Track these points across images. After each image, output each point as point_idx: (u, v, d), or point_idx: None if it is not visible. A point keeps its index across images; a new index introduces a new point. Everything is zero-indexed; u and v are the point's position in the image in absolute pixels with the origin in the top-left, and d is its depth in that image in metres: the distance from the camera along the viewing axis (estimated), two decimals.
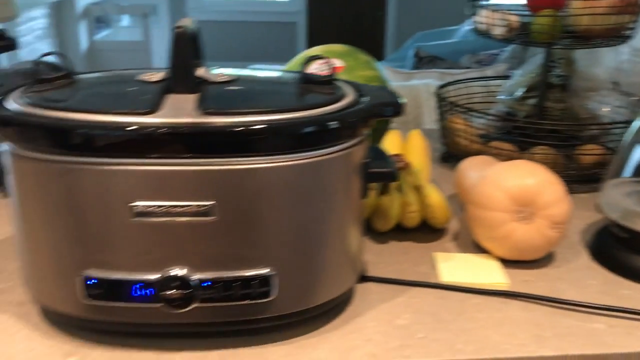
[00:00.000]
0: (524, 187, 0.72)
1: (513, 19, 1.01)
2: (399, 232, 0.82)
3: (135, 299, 0.56)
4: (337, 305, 0.65)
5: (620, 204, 0.76)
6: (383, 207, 0.80)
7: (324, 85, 0.63)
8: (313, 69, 0.74)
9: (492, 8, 1.03)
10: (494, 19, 1.02)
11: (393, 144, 0.90)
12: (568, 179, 0.79)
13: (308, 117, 0.55)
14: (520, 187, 0.72)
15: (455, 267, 0.74)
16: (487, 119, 1.05)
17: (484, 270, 0.73)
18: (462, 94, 1.18)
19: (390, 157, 0.66)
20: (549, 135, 0.99)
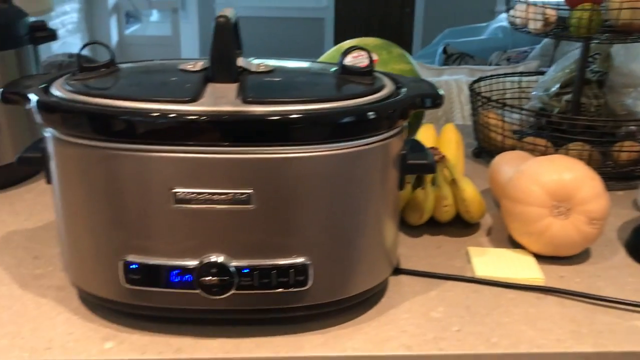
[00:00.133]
0: (562, 181, 0.71)
1: (550, 13, 1.00)
2: (432, 226, 0.82)
3: (174, 285, 0.56)
4: (371, 297, 0.65)
5: None
6: (417, 200, 0.79)
7: (364, 76, 0.63)
8: (349, 61, 0.74)
9: (528, 2, 1.01)
10: (531, 13, 1.00)
11: (427, 138, 0.90)
12: (604, 176, 0.78)
13: (347, 107, 0.55)
14: (558, 181, 0.71)
15: (490, 261, 0.73)
16: (521, 115, 1.04)
17: (519, 265, 0.73)
18: (494, 90, 1.17)
19: (428, 149, 0.66)
20: (585, 132, 0.97)
